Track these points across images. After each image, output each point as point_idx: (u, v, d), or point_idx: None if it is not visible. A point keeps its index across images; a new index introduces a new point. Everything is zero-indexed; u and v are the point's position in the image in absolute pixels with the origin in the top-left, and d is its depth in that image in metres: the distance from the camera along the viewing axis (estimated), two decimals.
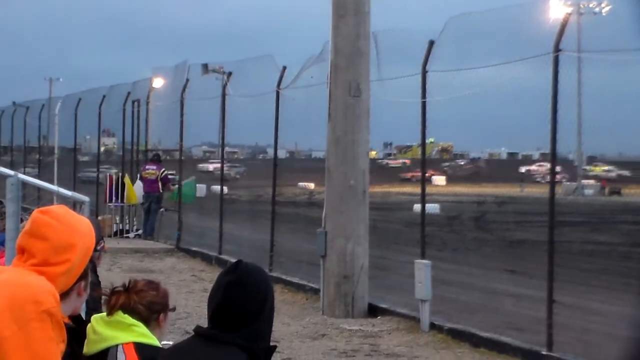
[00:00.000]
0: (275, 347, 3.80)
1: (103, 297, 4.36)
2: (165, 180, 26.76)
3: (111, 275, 13.99)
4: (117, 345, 4.19)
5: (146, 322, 4.32)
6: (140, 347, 4.19)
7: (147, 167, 27.08)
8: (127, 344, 4.19)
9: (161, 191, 26.66)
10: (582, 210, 48.24)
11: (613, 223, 41.25)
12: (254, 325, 3.66)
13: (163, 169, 26.89)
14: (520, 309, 15.81)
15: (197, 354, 3.65)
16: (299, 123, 22.29)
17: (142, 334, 4.25)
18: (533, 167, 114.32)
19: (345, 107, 16.01)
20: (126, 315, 4.26)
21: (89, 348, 4.17)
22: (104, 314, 4.29)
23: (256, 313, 3.68)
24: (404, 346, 13.21)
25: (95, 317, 4.28)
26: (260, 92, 21.43)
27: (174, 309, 4.58)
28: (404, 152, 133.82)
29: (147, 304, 4.36)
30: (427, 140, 16.87)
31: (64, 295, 3.62)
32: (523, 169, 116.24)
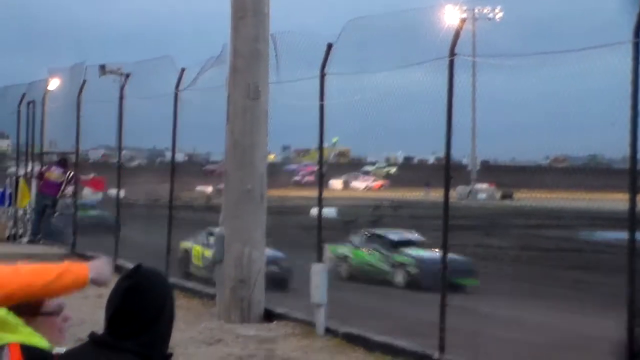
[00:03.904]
0: (171, 354, 3.74)
1: None
2: (74, 181, 26.19)
3: None
4: (3, 346, 4.10)
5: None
6: (26, 349, 4.11)
7: (52, 168, 26.66)
8: (13, 344, 4.11)
9: (58, 196, 26.29)
10: (476, 214, 49.07)
11: (505, 227, 42.01)
12: (152, 332, 3.61)
13: (70, 172, 26.38)
14: (415, 314, 16.02)
15: None
16: (198, 126, 22.16)
17: (30, 333, 4.17)
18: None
19: (243, 109, 15.96)
20: (11, 313, 4.16)
21: None
22: None
23: (154, 319, 3.62)
24: (300, 351, 13.24)
25: None
26: (159, 93, 21.25)
27: (54, 313, 4.27)
28: (302, 155, 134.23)
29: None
30: (332, 141, 16.95)
31: None
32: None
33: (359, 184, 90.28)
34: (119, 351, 3.55)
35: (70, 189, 26.44)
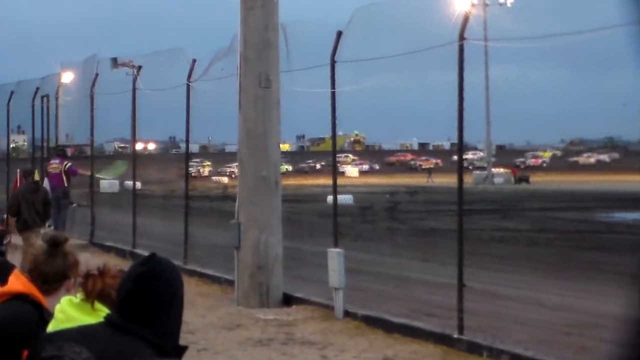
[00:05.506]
0: (186, 347, 3.79)
1: (79, 279, 4.31)
2: (71, 172, 26.04)
3: None
4: None
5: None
6: None
7: (51, 161, 26.69)
8: None
9: (66, 185, 26.18)
10: (492, 198, 49.07)
11: (521, 210, 41.94)
12: (162, 321, 3.65)
13: (66, 162, 26.25)
14: (433, 296, 16.04)
15: (104, 342, 3.61)
16: (212, 117, 22.27)
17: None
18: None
19: (255, 98, 16.07)
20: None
21: (53, 327, 4.08)
22: (73, 297, 4.18)
23: (164, 308, 3.66)
24: (319, 334, 13.31)
25: (65, 299, 4.19)
26: (171, 85, 21.33)
27: None
28: (316, 144, 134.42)
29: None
30: (354, 133, 17.05)
31: (54, 291, 4.51)
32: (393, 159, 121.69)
33: None
34: (131, 336, 3.59)
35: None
